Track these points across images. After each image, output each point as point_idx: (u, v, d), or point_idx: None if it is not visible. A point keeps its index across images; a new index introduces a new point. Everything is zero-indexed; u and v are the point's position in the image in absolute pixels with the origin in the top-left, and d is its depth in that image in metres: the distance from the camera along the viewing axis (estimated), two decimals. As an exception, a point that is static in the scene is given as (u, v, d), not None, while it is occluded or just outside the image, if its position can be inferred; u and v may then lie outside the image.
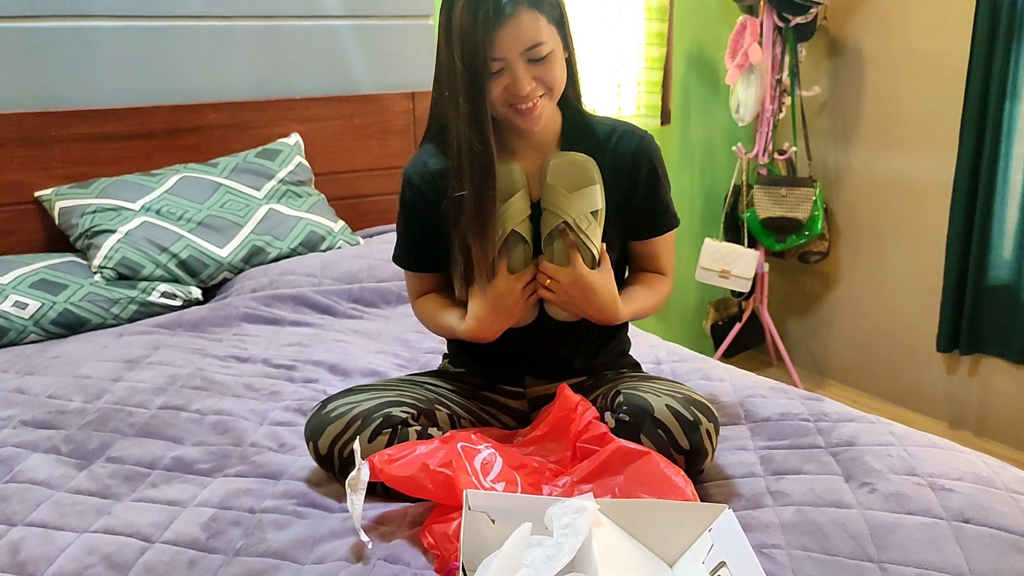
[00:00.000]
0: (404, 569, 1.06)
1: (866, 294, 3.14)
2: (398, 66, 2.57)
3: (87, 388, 1.57)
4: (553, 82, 1.28)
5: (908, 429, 1.38)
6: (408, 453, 1.18)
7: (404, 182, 1.40)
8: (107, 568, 1.07)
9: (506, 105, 1.27)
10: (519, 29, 1.21)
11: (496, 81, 1.24)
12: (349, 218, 2.47)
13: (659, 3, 2.91)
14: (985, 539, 1.08)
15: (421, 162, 1.39)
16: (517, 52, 1.22)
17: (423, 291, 1.47)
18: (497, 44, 1.21)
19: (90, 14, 2.15)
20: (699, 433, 1.21)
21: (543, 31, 1.23)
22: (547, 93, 1.28)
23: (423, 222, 1.39)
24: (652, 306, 1.42)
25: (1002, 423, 2.77)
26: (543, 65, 1.25)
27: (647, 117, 3.01)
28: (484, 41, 1.20)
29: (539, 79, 1.26)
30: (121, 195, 2.09)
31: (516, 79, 1.23)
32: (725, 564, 0.95)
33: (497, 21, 1.20)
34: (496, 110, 1.28)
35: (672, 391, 1.27)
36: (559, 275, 1.30)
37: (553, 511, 0.96)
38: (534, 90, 1.25)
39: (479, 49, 1.20)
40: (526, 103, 1.26)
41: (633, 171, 1.37)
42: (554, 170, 1.30)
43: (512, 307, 1.31)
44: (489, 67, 1.22)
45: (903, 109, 2.91)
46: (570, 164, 1.31)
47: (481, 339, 1.34)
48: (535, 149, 1.38)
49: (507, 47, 1.21)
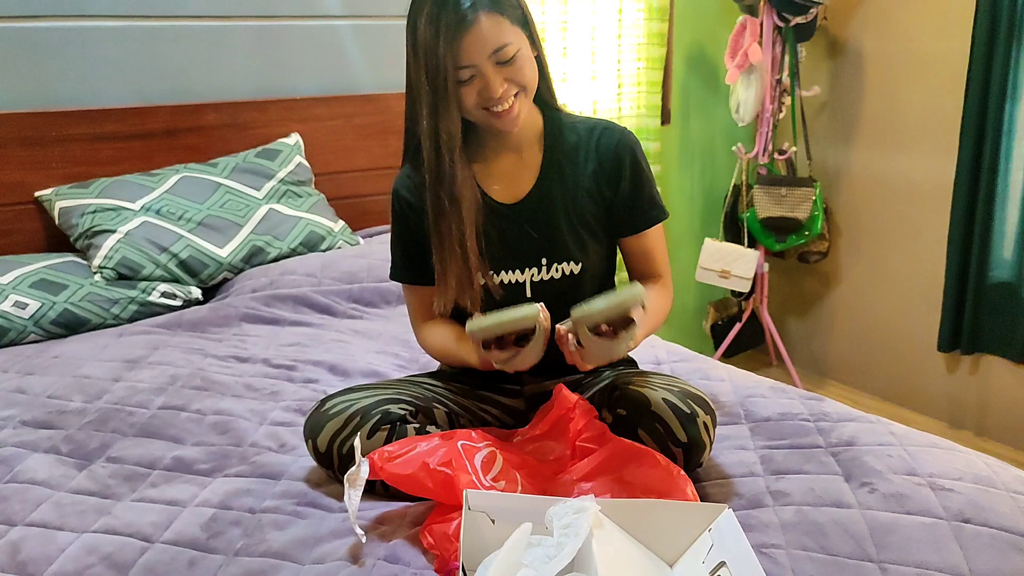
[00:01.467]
0: (404, 569, 1.06)
1: (866, 294, 3.14)
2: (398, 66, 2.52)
3: (87, 388, 1.57)
4: (525, 80, 1.28)
5: (908, 429, 1.38)
6: (408, 450, 1.18)
7: (393, 196, 1.41)
8: (107, 568, 1.07)
9: (482, 110, 1.28)
10: (482, 35, 1.22)
11: (468, 88, 1.26)
12: (349, 218, 2.47)
13: (659, 3, 2.91)
14: (985, 539, 1.08)
15: (406, 175, 1.40)
16: (484, 57, 1.23)
17: (426, 310, 1.45)
18: (463, 53, 1.22)
19: (90, 14, 2.15)
20: (696, 426, 1.22)
21: (507, 33, 1.24)
22: (521, 91, 1.29)
23: (416, 232, 1.39)
24: (661, 321, 1.42)
25: (1002, 423, 2.77)
26: (512, 65, 1.26)
27: (647, 117, 3.01)
28: (447, 54, 1.21)
29: (510, 80, 1.26)
30: (121, 195, 2.09)
31: (488, 83, 1.24)
32: (725, 564, 0.95)
33: (459, 30, 1.21)
34: (473, 116, 1.29)
35: (668, 385, 1.28)
36: (590, 356, 1.22)
37: (554, 511, 0.97)
38: (507, 91, 1.26)
39: (442, 64, 1.22)
40: (501, 105, 1.27)
41: (616, 165, 1.38)
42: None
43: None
44: (458, 76, 1.24)
45: (903, 109, 2.91)
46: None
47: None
48: (515, 151, 1.39)
49: (474, 53, 1.22)
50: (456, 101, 1.25)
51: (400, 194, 1.40)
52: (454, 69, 1.23)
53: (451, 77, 1.24)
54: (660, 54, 2.95)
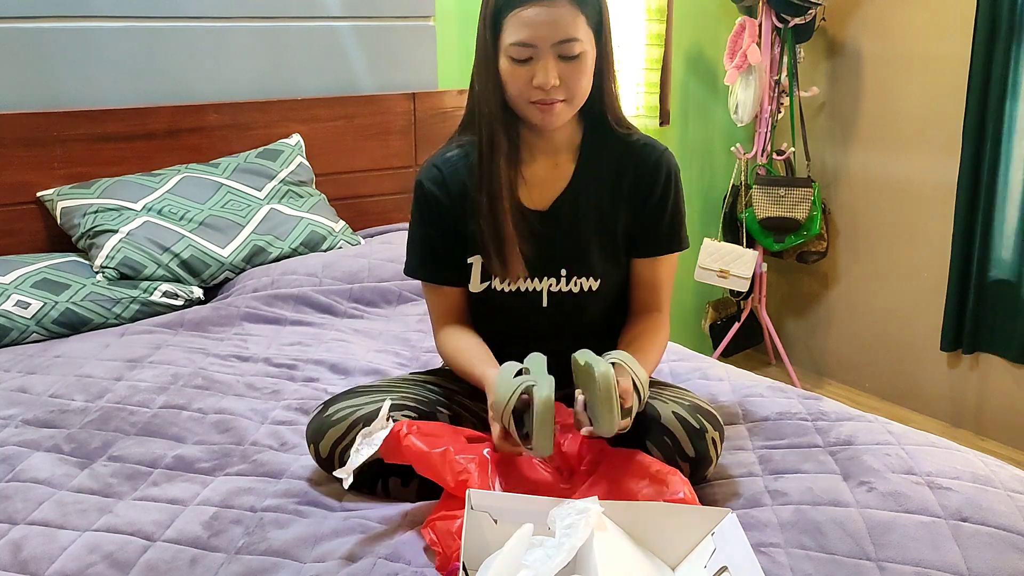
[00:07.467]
0: (404, 567, 1.06)
1: (864, 294, 3.15)
2: (399, 67, 2.58)
3: (89, 387, 1.58)
4: (576, 88, 1.25)
5: (906, 428, 1.39)
6: (436, 433, 1.17)
7: (416, 187, 1.38)
8: (109, 566, 1.07)
9: (525, 97, 1.25)
10: (556, 15, 1.19)
11: (522, 70, 1.22)
12: (350, 218, 2.47)
13: (658, 4, 2.91)
14: (983, 538, 1.08)
15: (433, 165, 1.38)
16: (549, 43, 1.20)
17: (445, 311, 1.41)
18: (531, 26, 1.19)
19: (92, 15, 2.16)
20: (705, 441, 1.21)
21: (580, 29, 1.21)
22: (567, 100, 1.26)
23: (440, 226, 1.36)
24: (658, 361, 1.38)
25: (1001, 423, 2.78)
26: (572, 65, 1.23)
27: (646, 118, 3.01)
28: (511, 21, 1.20)
29: (564, 80, 1.23)
30: (123, 195, 2.09)
31: (544, 70, 1.21)
32: (727, 569, 0.95)
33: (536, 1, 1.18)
34: (513, 101, 1.26)
35: (678, 398, 1.27)
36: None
37: (556, 512, 0.97)
38: (556, 89, 1.23)
39: (501, 27, 1.21)
40: (547, 97, 1.23)
41: (651, 181, 1.35)
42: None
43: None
44: (516, 53, 1.21)
45: (901, 110, 2.91)
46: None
47: None
48: (551, 156, 1.36)
49: (540, 34, 1.19)
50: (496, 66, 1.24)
51: (424, 186, 1.36)
52: (515, 45, 1.21)
53: (506, 51, 1.21)
54: (659, 55, 2.95)
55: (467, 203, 1.34)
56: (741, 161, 3.09)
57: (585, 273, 1.35)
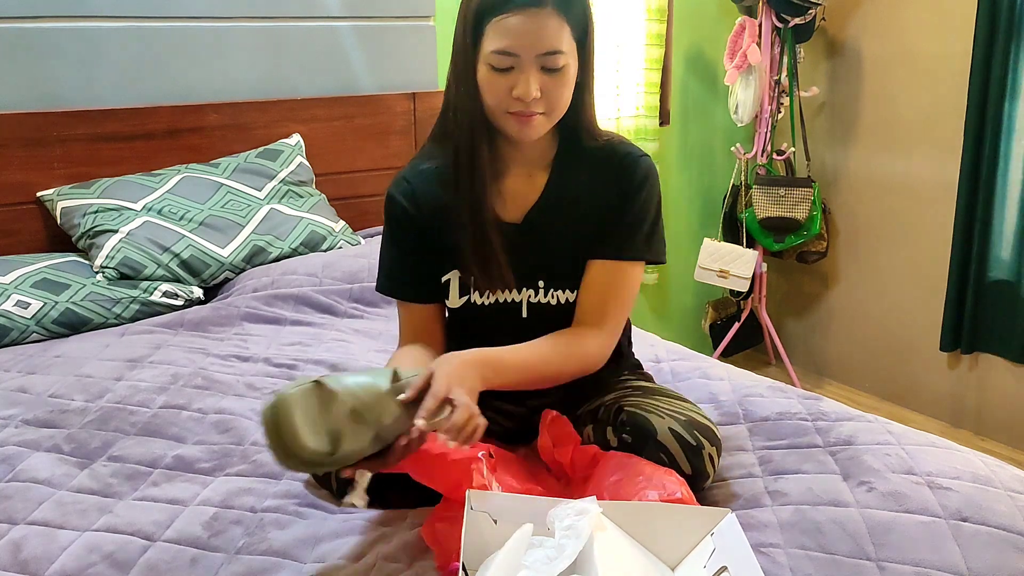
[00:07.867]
0: (404, 568, 1.06)
1: (864, 293, 3.15)
2: (399, 67, 2.58)
3: (89, 387, 1.58)
4: (557, 102, 1.21)
5: (906, 428, 1.39)
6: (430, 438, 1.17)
7: (387, 201, 1.33)
8: (109, 567, 1.07)
9: (503, 107, 1.21)
10: (542, 25, 1.15)
11: (502, 79, 1.18)
12: (350, 218, 2.47)
13: (658, 4, 2.91)
14: (983, 538, 1.08)
15: (403, 179, 1.34)
16: (533, 54, 1.16)
17: (414, 331, 1.34)
18: (515, 35, 1.15)
19: (92, 15, 2.16)
20: (701, 458, 1.20)
21: (565, 41, 1.18)
22: (547, 113, 1.21)
23: (410, 242, 1.32)
24: (548, 378, 1.26)
25: (1001, 423, 2.78)
26: (555, 78, 1.19)
27: (646, 118, 3.01)
28: (493, 29, 1.15)
29: (546, 93, 1.19)
30: (123, 195, 2.09)
31: (526, 81, 1.17)
32: (727, 569, 0.95)
33: (520, 7, 1.14)
34: (490, 110, 1.22)
35: (675, 411, 1.23)
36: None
37: (556, 512, 0.97)
38: (536, 102, 1.19)
39: (483, 33, 1.16)
40: (526, 109, 1.19)
41: (626, 182, 1.31)
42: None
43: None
44: (496, 62, 1.17)
45: (901, 109, 2.91)
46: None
47: None
48: (525, 168, 1.32)
49: (524, 43, 1.15)
50: (475, 76, 1.19)
51: (396, 200, 1.32)
52: (496, 54, 1.16)
53: (486, 58, 1.17)
54: (659, 55, 2.95)
55: (442, 217, 1.29)
56: (741, 161, 3.10)
57: (561, 285, 1.32)
